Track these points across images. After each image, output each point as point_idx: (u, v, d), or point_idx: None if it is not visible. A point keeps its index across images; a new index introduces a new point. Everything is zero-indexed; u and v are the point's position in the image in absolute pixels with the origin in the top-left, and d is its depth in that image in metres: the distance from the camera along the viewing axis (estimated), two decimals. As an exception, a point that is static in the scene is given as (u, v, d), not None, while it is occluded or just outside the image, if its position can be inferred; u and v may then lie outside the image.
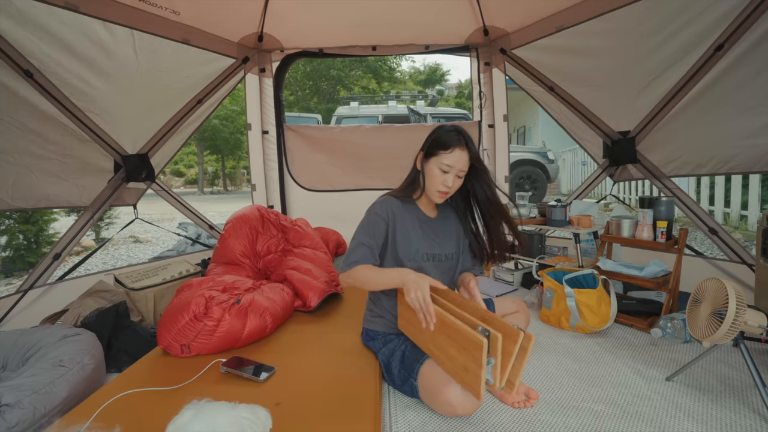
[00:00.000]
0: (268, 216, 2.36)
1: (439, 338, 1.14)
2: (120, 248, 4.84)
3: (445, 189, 1.36)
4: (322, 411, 1.09)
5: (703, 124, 2.09)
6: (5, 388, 1.11)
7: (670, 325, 1.71)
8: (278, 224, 2.38)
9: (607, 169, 2.66)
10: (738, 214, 4.46)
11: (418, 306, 1.15)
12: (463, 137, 1.35)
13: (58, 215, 4.47)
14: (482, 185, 1.41)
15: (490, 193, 1.41)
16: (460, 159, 1.34)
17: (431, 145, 1.37)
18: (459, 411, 1.14)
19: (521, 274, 2.52)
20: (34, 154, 1.98)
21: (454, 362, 1.08)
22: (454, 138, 1.34)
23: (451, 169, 1.34)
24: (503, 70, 2.87)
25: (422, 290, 1.14)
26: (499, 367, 0.99)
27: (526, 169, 7.06)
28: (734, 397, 1.29)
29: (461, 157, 1.34)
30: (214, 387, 1.19)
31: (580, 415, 1.21)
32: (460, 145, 1.33)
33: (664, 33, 2.00)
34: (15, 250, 3.91)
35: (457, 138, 1.34)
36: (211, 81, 2.61)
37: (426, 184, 1.39)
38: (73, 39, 1.88)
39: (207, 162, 17.38)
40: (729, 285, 1.21)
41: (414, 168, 1.47)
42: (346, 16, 2.73)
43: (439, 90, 21.97)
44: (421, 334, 1.21)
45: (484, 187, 1.41)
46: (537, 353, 1.61)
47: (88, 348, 1.38)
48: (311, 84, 16.16)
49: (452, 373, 1.11)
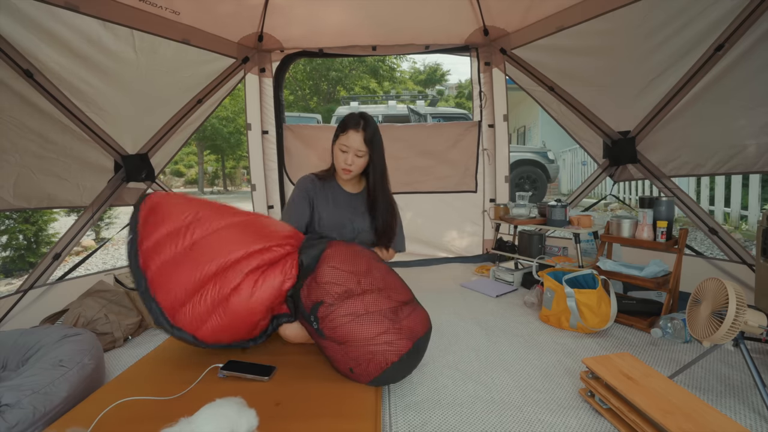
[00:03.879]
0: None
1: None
2: (120, 248, 4.84)
3: (345, 166, 1.59)
4: (322, 411, 1.09)
5: (703, 124, 2.09)
6: (5, 388, 1.11)
7: (670, 325, 1.71)
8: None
9: (607, 169, 2.66)
10: (738, 214, 4.46)
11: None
12: (362, 120, 1.56)
13: (58, 215, 4.47)
14: (372, 167, 1.63)
15: (376, 175, 1.64)
16: (354, 139, 1.55)
17: (336, 129, 1.61)
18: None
19: (521, 274, 2.52)
20: (34, 153, 1.99)
21: None
22: (351, 121, 1.57)
23: (349, 149, 1.57)
24: (503, 70, 2.87)
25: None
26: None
27: (526, 169, 7.06)
28: (734, 397, 1.29)
29: (356, 138, 1.55)
30: (212, 391, 1.16)
31: (580, 415, 1.21)
32: (354, 127, 1.55)
33: (664, 33, 2.00)
34: (15, 250, 3.91)
35: (354, 121, 1.56)
36: (211, 81, 2.61)
37: (334, 164, 1.65)
38: (73, 39, 1.88)
39: (207, 162, 17.38)
40: (729, 285, 1.21)
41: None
42: (346, 16, 2.73)
43: (439, 90, 21.98)
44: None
45: (374, 169, 1.63)
46: (537, 353, 1.61)
47: (88, 348, 1.37)
48: (311, 84, 16.17)
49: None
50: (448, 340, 1.75)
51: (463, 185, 3.07)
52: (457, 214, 3.10)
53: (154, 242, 1.26)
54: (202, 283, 1.21)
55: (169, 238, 1.26)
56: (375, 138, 1.59)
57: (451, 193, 3.08)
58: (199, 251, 1.25)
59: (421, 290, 2.40)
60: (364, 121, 1.57)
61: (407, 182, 3.01)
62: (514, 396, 1.31)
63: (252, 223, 1.38)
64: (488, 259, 3.11)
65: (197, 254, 1.24)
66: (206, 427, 0.92)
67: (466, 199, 3.08)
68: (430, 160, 3.04)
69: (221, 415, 0.96)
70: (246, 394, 1.10)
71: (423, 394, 1.33)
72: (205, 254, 1.24)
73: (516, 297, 2.30)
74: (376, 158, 1.62)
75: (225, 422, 0.94)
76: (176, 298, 1.21)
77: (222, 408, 0.98)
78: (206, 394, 1.11)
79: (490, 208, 2.99)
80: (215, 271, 1.22)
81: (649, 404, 1.04)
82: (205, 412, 0.96)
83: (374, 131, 1.59)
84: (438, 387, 1.37)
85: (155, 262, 1.24)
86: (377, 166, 1.64)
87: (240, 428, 0.94)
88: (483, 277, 2.69)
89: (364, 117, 1.60)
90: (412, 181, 3.03)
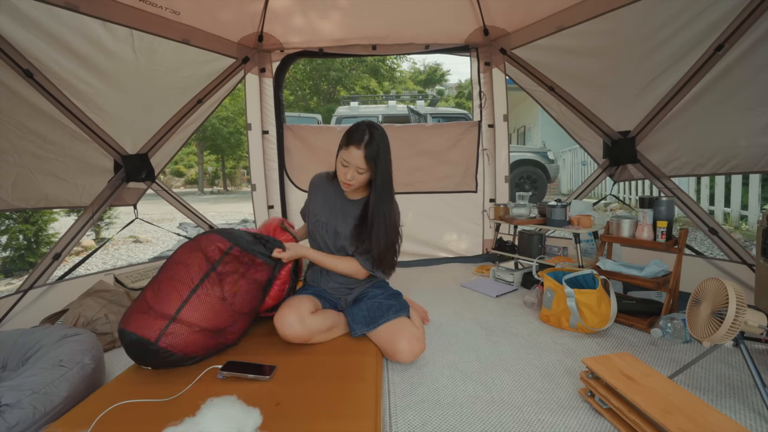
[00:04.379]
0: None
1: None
2: (120, 248, 4.84)
3: (346, 181, 1.50)
4: (322, 411, 1.09)
5: (704, 124, 2.09)
6: (5, 388, 1.11)
7: (670, 325, 1.71)
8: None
9: (607, 169, 2.66)
10: (738, 214, 4.46)
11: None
12: (367, 135, 1.43)
13: (58, 215, 4.47)
14: (374, 187, 1.50)
15: (377, 198, 1.51)
16: (354, 156, 1.43)
17: (341, 139, 1.49)
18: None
19: (521, 274, 2.52)
20: (34, 154, 1.98)
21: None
22: (354, 136, 1.44)
23: (349, 165, 1.46)
24: (503, 70, 2.87)
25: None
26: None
27: (526, 169, 7.06)
28: (734, 397, 1.29)
29: (355, 155, 1.43)
30: (212, 392, 1.16)
31: (580, 415, 1.21)
32: (355, 143, 1.42)
33: (664, 33, 2.00)
34: (15, 250, 3.91)
35: (357, 136, 1.43)
36: (211, 81, 2.61)
37: (337, 175, 1.54)
38: (73, 39, 1.88)
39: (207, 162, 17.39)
40: (729, 285, 1.21)
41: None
42: (346, 16, 2.73)
43: (439, 90, 21.99)
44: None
45: (376, 190, 1.50)
46: (537, 353, 1.61)
47: (89, 348, 1.37)
48: (311, 84, 16.17)
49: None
50: (448, 340, 1.75)
51: (463, 185, 3.07)
52: (457, 214, 3.10)
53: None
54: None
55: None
56: (380, 156, 1.45)
57: (451, 193, 3.08)
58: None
59: (421, 290, 2.42)
60: (369, 136, 1.43)
61: (407, 182, 3.01)
62: (514, 396, 1.31)
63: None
64: (488, 259, 3.11)
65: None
66: (214, 427, 0.92)
67: (466, 199, 3.08)
68: (430, 160, 3.04)
69: (227, 415, 0.95)
70: (246, 394, 1.10)
71: (423, 394, 1.33)
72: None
73: (516, 297, 2.30)
74: (380, 178, 1.47)
75: (232, 423, 0.94)
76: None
77: (226, 408, 0.98)
78: (206, 394, 1.11)
79: (490, 208, 2.99)
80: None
81: (649, 404, 1.04)
82: (209, 412, 0.96)
83: (379, 148, 1.44)
84: (438, 387, 1.37)
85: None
86: (380, 188, 1.49)
87: (247, 428, 0.94)
88: (483, 277, 2.69)
89: (371, 131, 1.44)
90: (412, 182, 3.03)
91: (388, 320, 1.53)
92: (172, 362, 1.30)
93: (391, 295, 1.69)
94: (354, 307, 1.63)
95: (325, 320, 1.54)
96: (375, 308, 1.58)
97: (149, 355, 1.28)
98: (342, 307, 1.70)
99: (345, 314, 1.64)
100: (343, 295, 1.71)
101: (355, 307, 1.63)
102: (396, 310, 1.57)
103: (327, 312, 1.59)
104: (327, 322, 1.54)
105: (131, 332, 1.28)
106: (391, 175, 1.54)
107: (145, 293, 1.38)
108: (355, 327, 1.55)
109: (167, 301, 1.32)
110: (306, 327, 1.46)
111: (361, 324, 1.55)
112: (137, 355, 1.31)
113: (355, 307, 1.63)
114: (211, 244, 1.44)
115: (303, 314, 1.47)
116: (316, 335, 1.50)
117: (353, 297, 1.71)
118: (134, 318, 1.31)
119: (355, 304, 1.66)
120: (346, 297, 1.71)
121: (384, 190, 1.51)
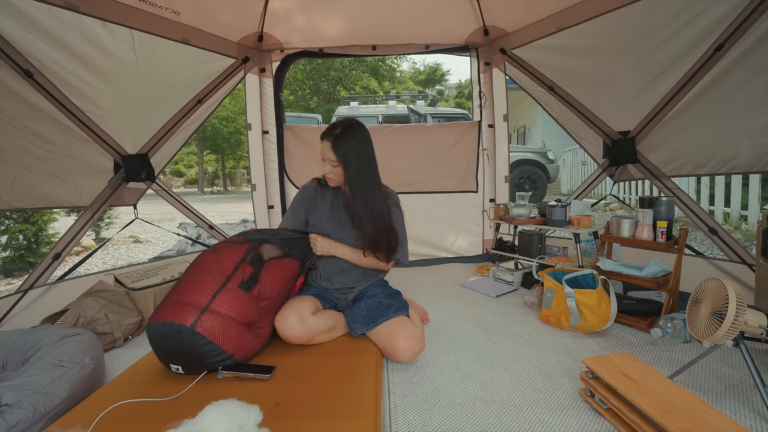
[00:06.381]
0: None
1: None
2: (120, 248, 4.84)
3: (326, 175, 1.57)
4: (322, 411, 1.09)
5: (704, 124, 2.09)
6: (5, 388, 1.11)
7: (670, 325, 1.71)
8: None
9: (607, 169, 2.66)
10: (738, 214, 4.46)
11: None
12: (338, 128, 1.51)
13: (58, 215, 4.46)
14: (348, 179, 1.55)
15: (352, 189, 1.56)
16: (325, 149, 1.52)
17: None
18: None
19: (521, 274, 2.52)
20: (33, 154, 1.98)
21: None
22: (327, 130, 1.54)
23: (325, 158, 1.54)
24: (503, 70, 2.87)
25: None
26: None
27: (526, 169, 7.06)
28: (734, 397, 1.29)
29: (326, 147, 1.52)
30: (212, 392, 1.17)
31: (580, 415, 1.21)
32: (327, 137, 1.51)
33: (664, 33, 2.00)
34: (15, 250, 3.91)
35: (328, 130, 1.52)
36: (211, 81, 2.61)
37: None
38: (73, 39, 1.88)
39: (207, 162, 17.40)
40: (729, 285, 1.21)
41: None
42: (346, 16, 2.73)
43: (439, 90, 22.00)
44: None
45: (350, 182, 1.55)
46: (537, 353, 1.61)
47: (88, 348, 1.37)
48: (311, 84, 16.18)
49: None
50: (448, 340, 1.75)
51: (463, 185, 3.07)
52: (457, 214, 3.10)
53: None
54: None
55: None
56: (350, 149, 1.51)
57: (451, 193, 3.08)
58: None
59: (421, 290, 2.42)
60: (340, 130, 1.50)
61: (407, 183, 3.01)
62: (514, 396, 1.31)
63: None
64: (488, 259, 3.11)
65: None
66: (215, 427, 0.92)
67: (466, 199, 3.08)
68: (431, 161, 3.04)
69: (227, 414, 0.95)
70: (246, 394, 1.10)
71: (423, 394, 1.33)
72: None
73: (516, 297, 2.30)
74: (351, 171, 1.53)
75: (232, 420, 0.93)
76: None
77: (226, 407, 0.98)
78: (206, 394, 1.11)
79: (490, 208, 2.99)
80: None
81: (649, 404, 1.04)
82: (209, 413, 0.96)
83: (349, 142, 1.50)
84: (438, 387, 1.37)
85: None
86: (354, 180, 1.54)
87: (248, 425, 0.94)
88: (483, 277, 2.69)
89: (344, 126, 1.52)
90: (412, 182, 3.03)
91: (387, 319, 1.53)
92: (206, 353, 1.23)
93: (391, 294, 1.69)
94: (353, 307, 1.64)
95: (326, 321, 1.54)
96: (374, 307, 1.58)
97: (183, 343, 1.21)
98: (342, 307, 1.70)
99: (344, 314, 1.64)
100: (344, 295, 1.72)
101: (355, 306, 1.64)
102: (395, 309, 1.58)
103: (328, 312, 1.59)
104: (328, 323, 1.54)
105: (164, 321, 1.23)
106: (370, 169, 1.59)
107: (174, 290, 1.36)
108: (355, 326, 1.55)
109: (200, 294, 1.30)
110: (307, 328, 1.46)
111: (360, 323, 1.55)
112: (169, 349, 1.24)
113: (355, 307, 1.63)
114: (242, 242, 1.49)
115: (304, 315, 1.47)
116: (317, 336, 1.50)
117: (353, 296, 1.72)
118: (165, 310, 1.27)
119: (355, 303, 1.67)
120: (347, 296, 1.72)
121: (358, 183, 1.55)
